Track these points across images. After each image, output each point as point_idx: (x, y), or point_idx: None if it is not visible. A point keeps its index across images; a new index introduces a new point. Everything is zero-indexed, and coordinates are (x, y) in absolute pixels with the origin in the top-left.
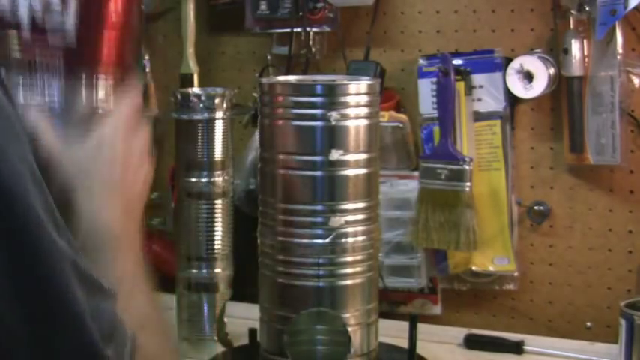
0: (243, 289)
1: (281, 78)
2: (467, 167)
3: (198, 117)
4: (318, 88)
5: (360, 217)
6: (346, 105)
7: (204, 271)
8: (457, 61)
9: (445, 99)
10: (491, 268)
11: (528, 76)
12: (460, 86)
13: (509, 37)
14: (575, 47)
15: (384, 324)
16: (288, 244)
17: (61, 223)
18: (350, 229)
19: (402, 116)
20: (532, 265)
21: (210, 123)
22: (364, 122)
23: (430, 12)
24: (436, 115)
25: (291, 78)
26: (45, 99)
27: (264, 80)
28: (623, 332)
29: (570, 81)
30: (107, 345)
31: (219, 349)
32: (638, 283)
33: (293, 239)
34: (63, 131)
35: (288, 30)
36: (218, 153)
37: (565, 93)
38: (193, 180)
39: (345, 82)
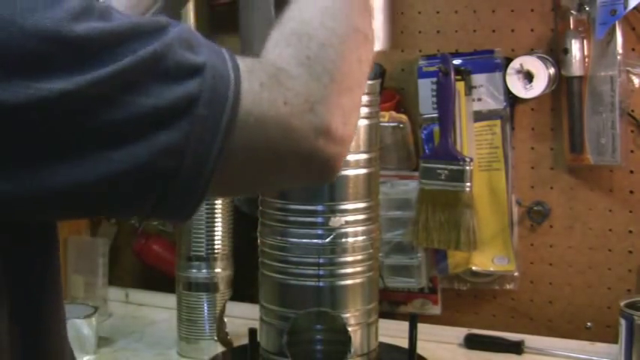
0: (243, 289)
1: None
2: (467, 167)
3: None
4: None
5: (360, 217)
6: None
7: (204, 271)
8: (457, 61)
9: (445, 99)
10: (491, 268)
11: (528, 76)
12: (460, 86)
13: (509, 37)
14: (575, 47)
15: (384, 324)
16: (288, 244)
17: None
18: (350, 229)
19: (402, 116)
20: (532, 265)
21: None
22: (364, 122)
23: (430, 12)
24: (436, 115)
25: None
26: None
27: None
28: (623, 332)
29: (570, 81)
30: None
31: (219, 349)
32: (638, 283)
33: (293, 239)
34: None
35: None
36: None
37: (565, 93)
38: None
39: None
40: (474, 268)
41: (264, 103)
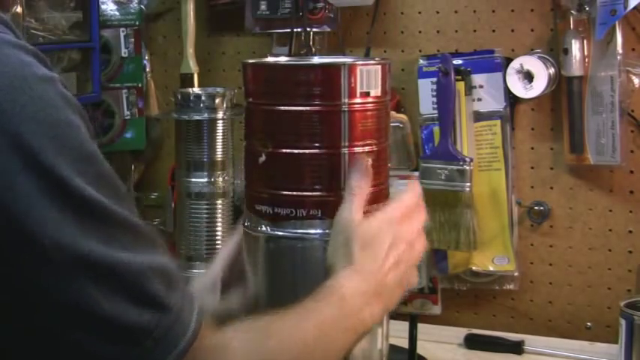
0: None
1: None
2: (467, 167)
3: (198, 117)
4: None
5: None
6: None
7: (205, 270)
8: (457, 61)
9: (445, 99)
10: (491, 268)
11: (528, 76)
12: (460, 86)
13: (509, 37)
14: (575, 47)
15: None
16: None
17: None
18: None
19: (402, 116)
20: (532, 265)
21: (210, 123)
22: None
23: (430, 12)
24: (436, 115)
25: None
26: None
27: None
28: (623, 332)
29: (570, 81)
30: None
31: None
32: (638, 283)
33: None
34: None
35: (288, 30)
36: (218, 153)
37: (565, 93)
38: (194, 180)
39: None
40: (474, 268)
41: None
